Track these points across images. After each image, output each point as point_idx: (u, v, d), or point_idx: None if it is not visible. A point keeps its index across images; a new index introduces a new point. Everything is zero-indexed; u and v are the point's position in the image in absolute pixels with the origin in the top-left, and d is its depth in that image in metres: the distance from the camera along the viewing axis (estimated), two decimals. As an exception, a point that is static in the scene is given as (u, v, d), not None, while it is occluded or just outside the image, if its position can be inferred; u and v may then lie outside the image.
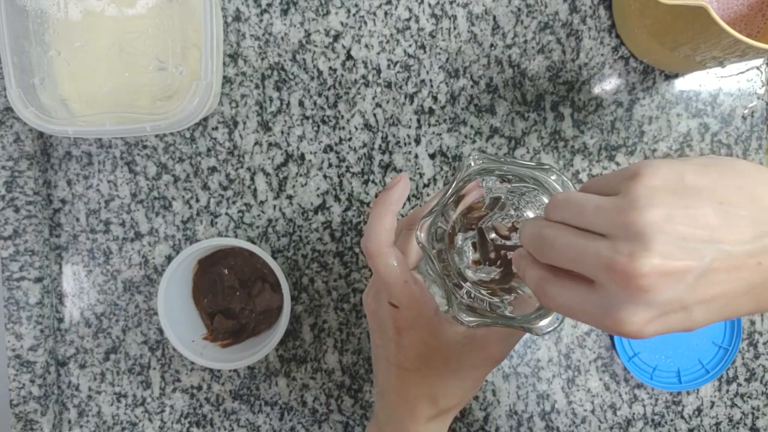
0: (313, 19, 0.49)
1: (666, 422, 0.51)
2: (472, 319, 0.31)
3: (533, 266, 0.27)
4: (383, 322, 0.35)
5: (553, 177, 0.31)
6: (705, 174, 0.23)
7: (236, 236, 0.51)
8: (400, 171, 0.50)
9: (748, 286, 0.22)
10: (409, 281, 0.33)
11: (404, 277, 0.33)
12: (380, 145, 0.50)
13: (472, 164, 0.31)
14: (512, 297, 0.35)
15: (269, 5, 0.49)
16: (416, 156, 0.50)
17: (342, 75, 0.50)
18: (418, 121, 0.50)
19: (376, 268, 0.33)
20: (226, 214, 0.51)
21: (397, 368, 0.35)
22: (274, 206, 0.51)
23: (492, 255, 0.36)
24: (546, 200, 0.33)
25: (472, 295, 0.35)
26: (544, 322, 0.31)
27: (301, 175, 0.50)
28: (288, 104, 0.50)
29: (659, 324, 0.23)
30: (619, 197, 0.24)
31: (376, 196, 0.50)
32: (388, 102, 0.50)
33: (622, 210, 0.23)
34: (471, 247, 0.37)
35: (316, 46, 0.49)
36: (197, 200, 0.51)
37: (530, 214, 0.36)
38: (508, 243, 0.36)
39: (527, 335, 0.50)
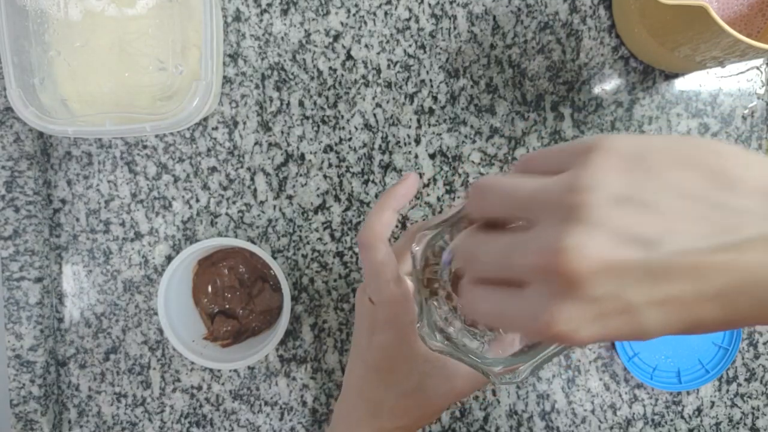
0: (313, 19, 0.49)
1: (666, 422, 0.51)
2: (437, 342, 0.29)
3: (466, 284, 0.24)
4: (362, 315, 0.34)
5: None
6: (674, 153, 0.19)
7: (236, 236, 0.51)
8: (400, 171, 0.50)
9: (716, 289, 0.18)
10: (392, 282, 0.32)
11: (388, 276, 0.32)
12: (380, 145, 0.50)
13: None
14: (492, 335, 0.33)
15: (269, 5, 0.49)
16: (416, 156, 0.50)
17: (342, 75, 0.50)
18: (418, 121, 0.50)
19: (364, 261, 0.32)
20: (226, 214, 0.51)
21: (363, 364, 0.34)
22: (274, 206, 0.51)
23: None
24: None
25: (448, 319, 0.33)
26: (500, 369, 0.27)
27: (301, 175, 0.50)
28: (288, 104, 0.50)
29: (599, 326, 0.19)
30: (564, 175, 0.20)
31: (377, 196, 0.50)
32: (388, 102, 0.50)
33: (563, 190, 0.20)
34: None
35: (316, 46, 0.49)
36: (197, 200, 0.51)
37: None
38: None
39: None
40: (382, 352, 0.33)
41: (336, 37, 0.49)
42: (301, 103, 0.50)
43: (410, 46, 0.49)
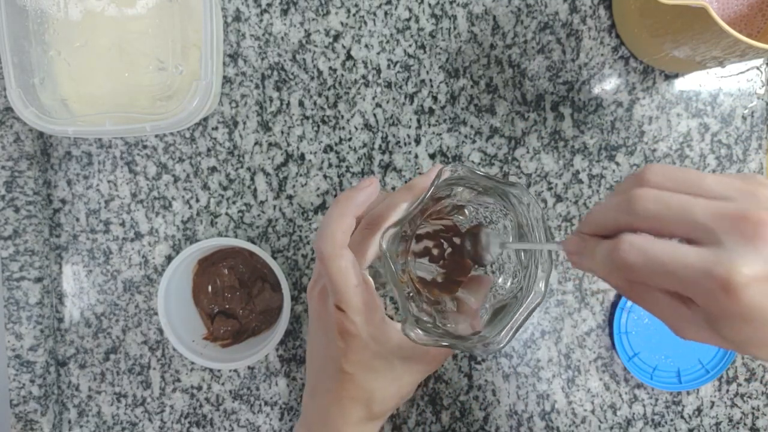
0: (313, 19, 0.49)
1: (666, 422, 0.51)
2: (420, 334, 0.30)
3: (602, 240, 0.26)
4: (327, 323, 0.34)
5: (516, 191, 0.30)
6: None
7: (236, 236, 0.51)
8: (401, 171, 0.50)
9: None
10: (360, 286, 0.32)
11: (355, 281, 0.31)
12: (380, 145, 0.50)
13: (448, 173, 0.30)
14: (453, 304, 0.34)
15: (269, 5, 0.49)
16: (416, 156, 0.50)
17: (342, 75, 0.50)
18: (418, 121, 0.50)
19: (328, 271, 0.31)
20: (226, 214, 0.51)
21: (336, 370, 0.34)
22: (274, 206, 0.51)
23: (435, 251, 0.36)
24: (503, 219, 0.33)
25: (420, 306, 0.34)
26: (479, 346, 0.30)
27: (301, 175, 0.50)
28: (288, 104, 0.50)
29: (761, 289, 0.21)
30: (743, 178, 0.24)
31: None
32: (388, 102, 0.50)
33: (750, 184, 0.24)
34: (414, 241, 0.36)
35: (316, 46, 0.49)
36: (197, 200, 0.51)
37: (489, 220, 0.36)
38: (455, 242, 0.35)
39: None
40: (357, 355, 0.33)
41: (336, 37, 0.49)
42: (301, 103, 0.50)
43: (410, 46, 0.49)
